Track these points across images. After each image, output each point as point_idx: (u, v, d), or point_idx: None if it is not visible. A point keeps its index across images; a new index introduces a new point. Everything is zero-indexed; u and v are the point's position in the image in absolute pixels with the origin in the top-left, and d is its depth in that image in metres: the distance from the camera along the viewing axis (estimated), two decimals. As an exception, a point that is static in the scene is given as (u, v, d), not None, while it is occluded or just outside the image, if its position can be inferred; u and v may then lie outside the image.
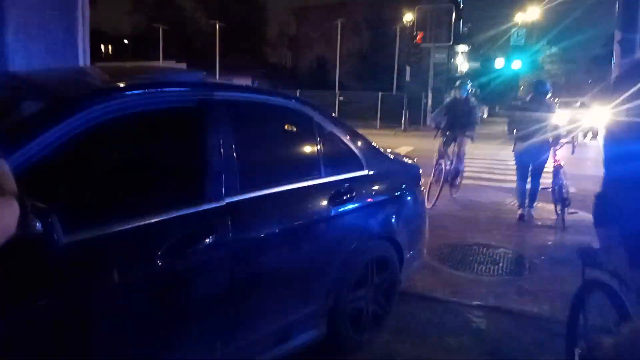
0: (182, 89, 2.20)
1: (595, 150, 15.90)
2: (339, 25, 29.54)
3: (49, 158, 1.67)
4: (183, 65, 29.56)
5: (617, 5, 4.97)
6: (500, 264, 4.69)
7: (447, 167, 7.17)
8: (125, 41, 45.91)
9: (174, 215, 1.94)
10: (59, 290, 1.63)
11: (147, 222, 1.86)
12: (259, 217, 2.32)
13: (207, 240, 2.01)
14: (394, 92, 30.49)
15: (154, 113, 2.05)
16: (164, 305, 1.93)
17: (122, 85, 2.08)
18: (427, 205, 5.95)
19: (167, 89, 2.14)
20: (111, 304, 1.76)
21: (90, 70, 3.19)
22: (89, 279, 1.71)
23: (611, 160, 1.94)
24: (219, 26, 31.59)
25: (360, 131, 3.38)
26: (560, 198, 6.18)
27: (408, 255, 3.37)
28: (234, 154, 2.21)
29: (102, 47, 43.78)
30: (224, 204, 2.11)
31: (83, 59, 4.71)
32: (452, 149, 7.37)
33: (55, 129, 1.69)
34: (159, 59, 32.76)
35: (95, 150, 1.87)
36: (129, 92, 1.98)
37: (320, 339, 2.73)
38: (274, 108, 2.66)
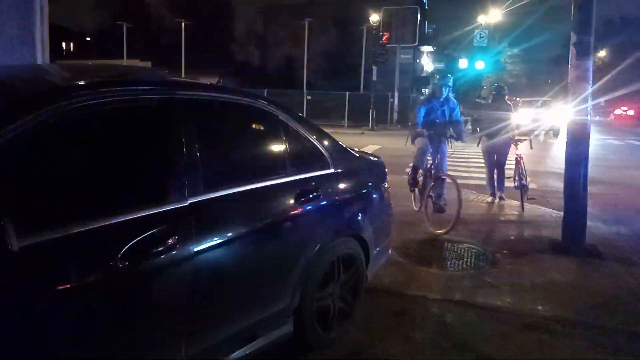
0: (144, 87, 2.16)
1: (555, 148, 16.46)
2: (307, 25, 29.55)
3: (2, 159, 1.62)
4: (148, 64, 28.97)
5: (572, 8, 5.13)
6: (465, 259, 4.80)
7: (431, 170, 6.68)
8: (88, 38, 44.67)
9: (135, 216, 1.91)
10: (13, 296, 1.58)
11: (107, 223, 1.82)
12: (223, 216, 2.30)
13: (169, 241, 1.98)
14: (361, 91, 30.73)
15: (115, 112, 2.00)
16: (126, 307, 1.89)
17: (81, 83, 2.04)
18: (415, 208, 6.46)
19: (128, 88, 2.11)
20: (70, 309, 1.72)
21: (49, 68, 3.10)
22: (46, 284, 1.66)
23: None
24: (185, 24, 31.11)
25: (328, 130, 3.40)
26: (520, 185, 7.07)
27: (375, 251, 3.41)
28: (198, 154, 2.19)
29: (64, 44, 42.44)
30: (187, 204, 2.09)
31: (42, 57, 4.57)
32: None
33: (9, 129, 1.64)
34: (123, 57, 32.03)
35: (52, 150, 1.82)
36: (89, 91, 1.94)
37: (287, 338, 2.73)
38: (238, 107, 2.64)
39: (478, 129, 7.59)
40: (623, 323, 3.47)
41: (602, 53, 50.25)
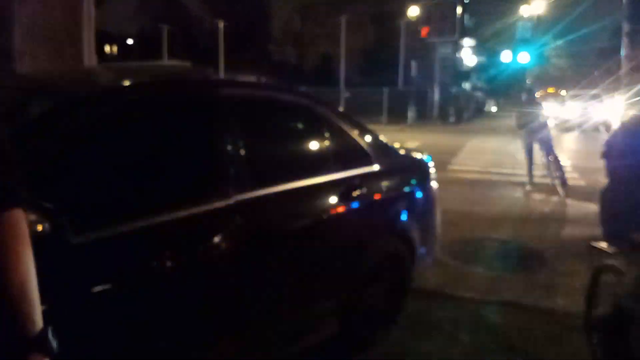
0: (191, 86, 2.18)
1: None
2: (343, 22, 29.43)
3: (59, 157, 1.65)
4: (187, 64, 29.60)
5: (625, -3, 4.88)
6: (512, 259, 4.64)
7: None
8: (130, 41, 46.04)
9: (184, 214, 1.92)
10: (71, 290, 1.61)
11: (157, 221, 1.83)
12: (269, 214, 2.29)
13: (216, 239, 1.98)
14: (400, 87, 30.36)
15: (162, 111, 2.03)
16: (177, 304, 1.90)
17: (130, 83, 2.07)
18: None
19: (175, 87, 2.12)
20: (124, 305, 1.74)
21: (98, 70, 3.18)
22: (100, 279, 1.69)
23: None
24: (222, 25, 31.57)
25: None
26: (557, 169, 7.73)
27: (420, 251, 3.34)
28: (243, 151, 2.19)
29: (108, 47, 43.92)
30: (233, 202, 2.09)
31: (88, 60, 4.72)
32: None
33: (65, 128, 1.67)
34: (163, 59, 32.80)
35: (104, 150, 1.85)
36: (138, 91, 1.96)
37: (333, 336, 2.70)
38: (282, 104, 2.63)
39: (517, 125, 8.50)
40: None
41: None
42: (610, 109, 17.02)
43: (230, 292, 2.10)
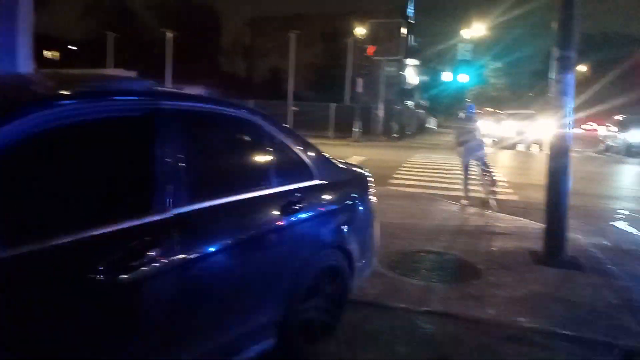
0: (128, 97, 2.16)
1: (538, 160, 16.69)
2: (293, 37, 29.70)
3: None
4: (133, 73, 28.79)
5: (555, 25, 5.26)
6: (448, 270, 4.83)
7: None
8: (74, 47, 44.29)
9: (119, 228, 1.90)
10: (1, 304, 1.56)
11: (90, 234, 1.81)
12: (208, 228, 2.30)
13: (153, 253, 1.97)
14: (347, 103, 30.90)
15: (99, 122, 2.00)
16: (105, 321, 1.87)
17: (65, 93, 2.02)
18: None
19: (113, 98, 2.10)
20: (50, 321, 1.70)
21: (33, 77, 3.08)
22: (27, 295, 1.64)
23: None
24: (171, 35, 31.04)
25: (314, 141, 3.42)
26: (491, 185, 8.24)
27: (359, 263, 3.42)
28: (182, 164, 2.19)
29: (50, 53, 42.00)
30: (172, 215, 2.08)
31: (24, 65, 4.54)
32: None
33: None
34: (108, 67, 31.79)
35: (34, 160, 1.81)
36: (73, 100, 1.93)
37: (270, 351, 2.72)
38: (223, 117, 2.64)
39: (454, 142, 8.98)
40: (601, 335, 3.51)
41: (583, 67, 51.36)
42: (543, 129, 18.13)
43: (166, 307, 2.08)
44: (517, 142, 22.90)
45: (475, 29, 27.69)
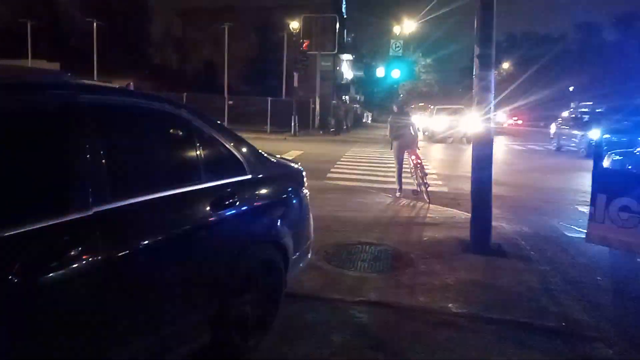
0: (43, 90, 2.02)
1: (467, 153, 17.47)
2: (226, 29, 29.18)
3: None
4: (55, 65, 27.11)
5: (475, 23, 5.49)
6: (381, 260, 4.95)
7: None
8: (-11, 36, 41.02)
9: (33, 227, 1.78)
10: None
11: (3, 234, 1.68)
12: (132, 226, 2.21)
13: (72, 253, 1.86)
14: (284, 97, 30.83)
15: (11, 116, 1.86)
16: (22, 325, 1.75)
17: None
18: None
19: (26, 91, 1.96)
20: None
21: None
22: None
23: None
24: (97, 24, 29.54)
25: (251, 136, 3.39)
26: (423, 183, 8.44)
27: (294, 257, 3.43)
28: (103, 160, 2.08)
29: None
30: (92, 213, 1.98)
31: None
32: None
33: None
34: (27, 57, 29.78)
35: None
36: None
37: (204, 348, 2.67)
38: (147, 112, 2.54)
39: (389, 135, 9.17)
40: (525, 317, 3.74)
41: (505, 65, 54.27)
42: (470, 123, 18.94)
43: (89, 308, 1.98)
44: (447, 135, 23.86)
45: (406, 26, 28.48)
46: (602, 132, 13.72)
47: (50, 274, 1.81)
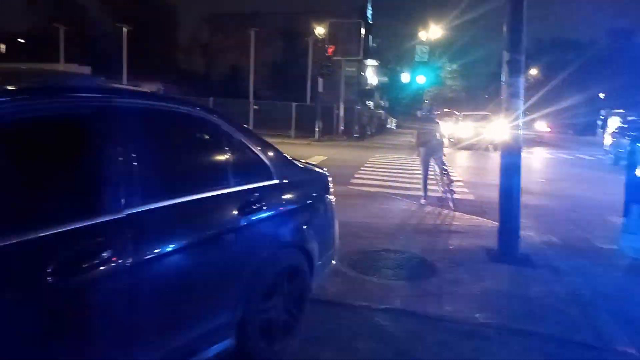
0: (77, 94, 2.07)
1: (493, 161, 17.20)
2: (252, 35, 29.47)
3: None
4: (87, 69, 27.78)
5: (504, 28, 5.41)
6: (407, 268, 4.90)
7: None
8: (22, 40, 42.35)
9: (67, 229, 1.82)
10: None
11: (39, 235, 1.72)
12: (163, 228, 2.24)
13: (104, 255, 1.90)
14: (308, 102, 30.93)
15: (47, 120, 1.91)
16: (56, 325, 1.79)
17: (9, 88, 1.92)
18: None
19: (62, 95, 2.01)
20: (3, 324, 1.61)
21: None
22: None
23: None
24: (127, 30, 30.18)
25: (275, 141, 3.40)
26: (449, 185, 8.42)
27: (319, 262, 3.42)
28: (135, 163, 2.12)
29: (-4, 46, 39.98)
30: (124, 215, 2.01)
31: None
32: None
33: None
34: (59, 61, 30.60)
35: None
36: (18, 96, 1.84)
37: (229, 352, 2.68)
38: (178, 116, 2.58)
39: (415, 142, 9.14)
40: (553, 329, 3.65)
41: (533, 71, 53.38)
42: (497, 130, 18.58)
43: (120, 309, 2.01)
44: (473, 142, 23.53)
45: (432, 31, 28.29)
46: (635, 141, 13.09)
47: (84, 275, 1.85)
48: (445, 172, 8.56)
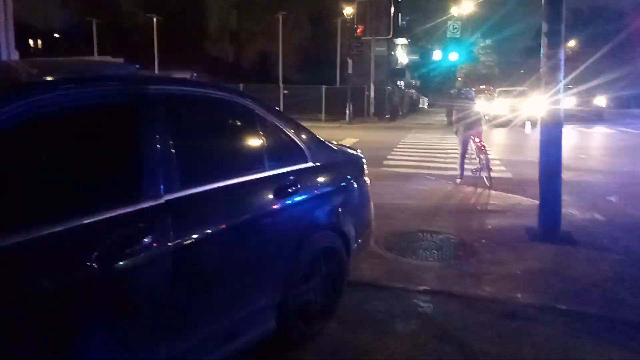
0: (114, 82, 2.10)
1: (531, 137, 16.71)
2: (281, 19, 29.37)
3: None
4: (120, 60, 28.41)
5: (543, -1, 5.19)
6: (444, 249, 4.84)
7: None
8: (57, 35, 43.52)
9: (109, 216, 1.85)
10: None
11: (80, 223, 1.76)
12: (201, 213, 2.26)
13: (145, 240, 1.93)
14: (338, 84, 30.72)
15: (85, 109, 1.94)
16: (102, 309, 1.84)
17: (50, 79, 1.97)
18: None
19: (98, 84, 2.04)
20: (42, 313, 1.66)
21: (16, 65, 2.99)
22: (23, 284, 1.60)
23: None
24: (157, 20, 30.61)
25: (306, 124, 3.37)
26: (486, 162, 8.18)
27: (355, 245, 3.41)
28: (173, 150, 2.14)
29: (31, 41, 41.26)
30: (163, 201, 2.04)
31: (7, 54, 4.43)
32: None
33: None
34: (93, 54, 31.35)
35: (22, 149, 1.75)
36: (58, 87, 1.87)
37: (269, 334, 2.71)
38: (213, 101, 2.59)
39: (454, 120, 9.01)
40: (598, 309, 3.53)
41: (571, 43, 51.27)
42: (535, 106, 17.98)
43: (163, 293, 2.05)
44: (510, 119, 22.88)
45: (464, 6, 27.48)
46: None
47: (126, 260, 1.88)
48: (483, 150, 8.37)
